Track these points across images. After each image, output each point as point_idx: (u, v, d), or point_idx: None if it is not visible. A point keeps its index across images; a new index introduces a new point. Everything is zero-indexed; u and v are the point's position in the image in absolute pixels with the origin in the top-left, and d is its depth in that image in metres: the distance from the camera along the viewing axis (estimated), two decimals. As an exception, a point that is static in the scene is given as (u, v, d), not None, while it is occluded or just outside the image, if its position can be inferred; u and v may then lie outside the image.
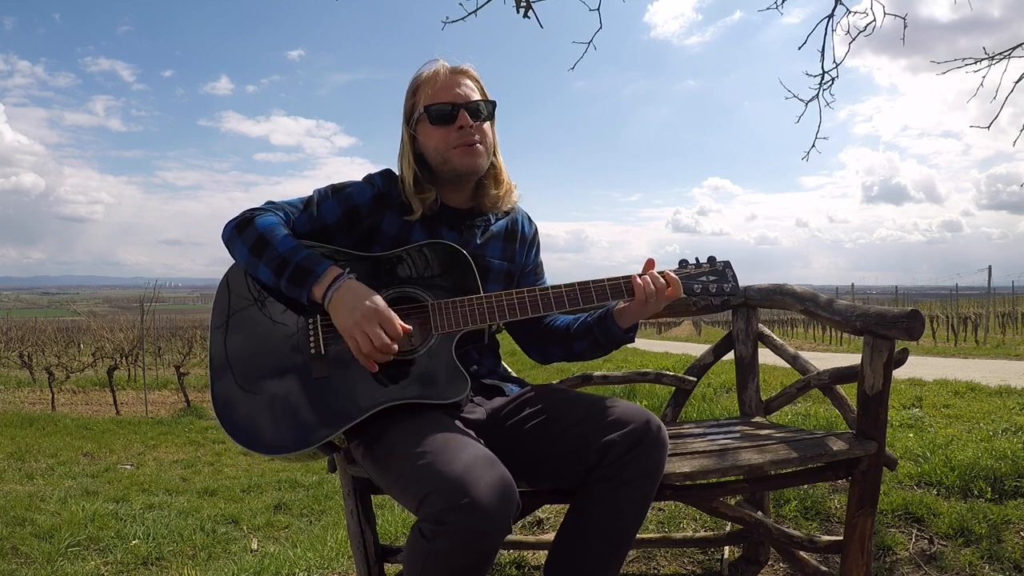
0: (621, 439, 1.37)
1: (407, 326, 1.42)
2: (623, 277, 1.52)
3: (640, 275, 1.51)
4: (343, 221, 1.58)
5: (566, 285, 1.51)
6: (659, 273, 1.52)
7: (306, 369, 1.45)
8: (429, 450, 1.26)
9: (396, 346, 1.39)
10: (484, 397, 1.61)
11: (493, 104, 1.64)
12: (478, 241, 1.65)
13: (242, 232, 1.50)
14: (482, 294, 1.51)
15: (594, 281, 1.51)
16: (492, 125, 1.65)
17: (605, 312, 1.61)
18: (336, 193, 1.59)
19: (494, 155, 1.66)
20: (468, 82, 1.61)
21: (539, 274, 1.81)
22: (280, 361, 1.47)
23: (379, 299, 1.42)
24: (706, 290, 1.55)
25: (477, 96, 1.61)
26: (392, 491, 1.38)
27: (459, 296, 1.50)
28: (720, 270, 1.57)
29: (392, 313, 1.41)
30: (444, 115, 1.56)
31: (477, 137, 1.58)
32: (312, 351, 1.46)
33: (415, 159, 1.61)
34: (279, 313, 1.50)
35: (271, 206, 1.57)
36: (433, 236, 1.60)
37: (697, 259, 1.59)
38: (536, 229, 1.80)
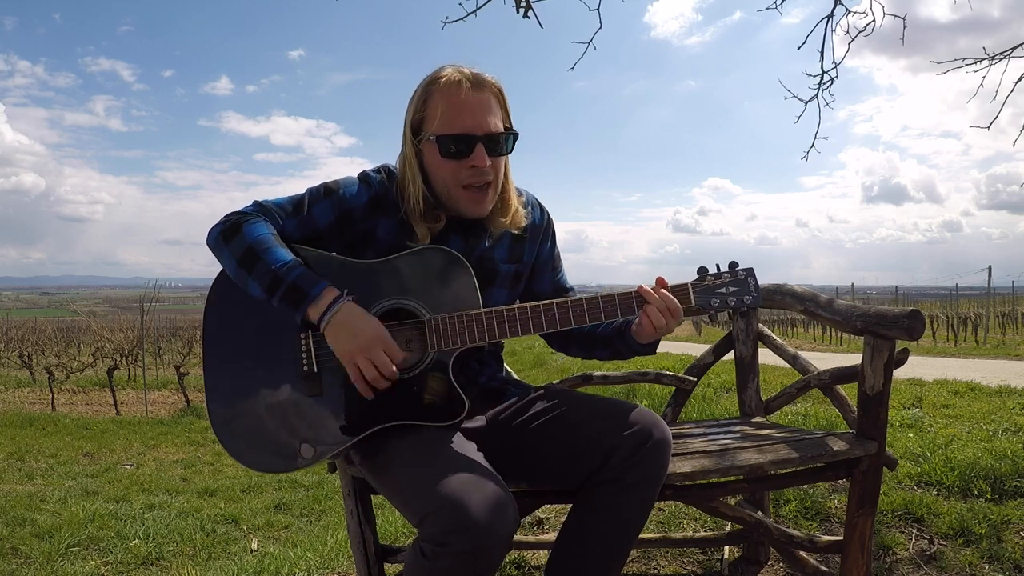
0: (626, 442, 1.36)
1: (406, 352, 1.38)
2: (633, 292, 1.43)
3: (648, 305, 1.42)
4: (336, 225, 1.47)
5: (572, 300, 1.43)
6: (662, 293, 1.43)
7: (299, 388, 1.41)
8: (428, 468, 1.25)
9: (395, 373, 1.35)
10: (485, 401, 1.59)
11: (515, 137, 1.49)
12: (487, 244, 1.56)
13: (229, 241, 1.39)
14: (481, 309, 1.41)
15: (603, 296, 1.44)
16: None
17: (624, 326, 1.53)
18: (329, 195, 1.47)
19: (505, 178, 1.52)
20: (493, 104, 1.45)
21: (557, 268, 1.70)
22: (273, 380, 1.42)
23: (380, 325, 1.35)
24: (724, 304, 1.45)
25: (500, 123, 1.45)
26: (392, 502, 1.37)
27: (458, 308, 1.41)
28: (742, 279, 1.47)
29: (392, 341, 1.34)
30: (460, 149, 1.41)
31: (489, 177, 1.44)
32: (305, 368, 1.40)
33: (422, 177, 1.47)
34: (270, 330, 1.43)
35: (258, 208, 1.45)
36: (438, 241, 1.49)
37: (718, 267, 1.48)
38: (549, 217, 1.67)
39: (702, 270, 1.48)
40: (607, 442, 1.37)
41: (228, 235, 1.40)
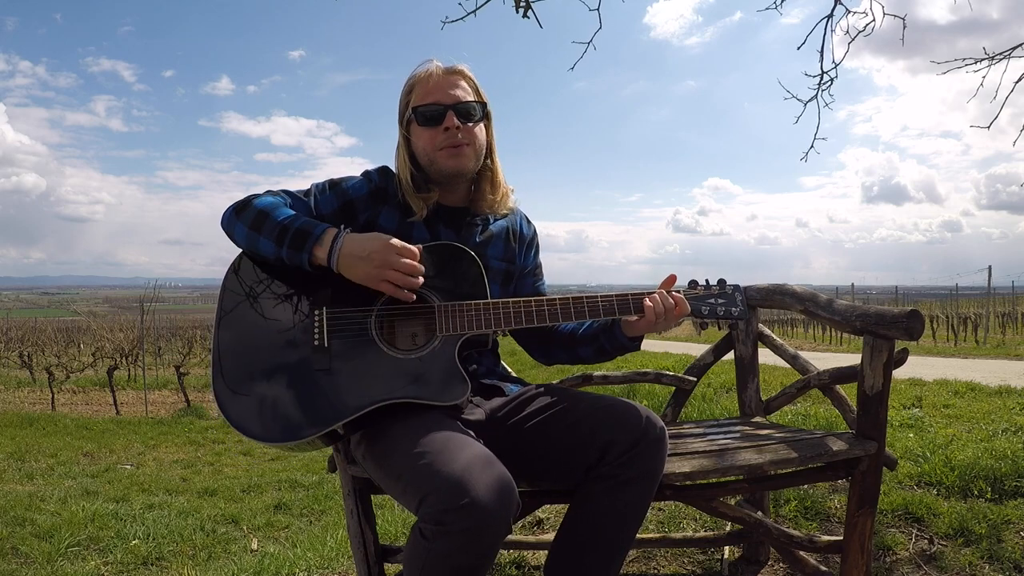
0: (622, 438, 1.38)
1: (418, 246, 1.47)
2: (632, 294, 1.52)
3: (650, 294, 1.51)
4: (339, 213, 1.58)
5: (574, 297, 1.52)
6: (668, 292, 1.53)
7: (308, 361, 1.45)
8: (429, 450, 1.26)
9: (421, 267, 1.44)
10: (483, 397, 1.61)
11: (484, 105, 1.62)
12: (477, 240, 1.65)
13: (241, 213, 1.50)
14: (489, 299, 1.50)
15: (603, 296, 1.52)
16: (488, 127, 1.64)
17: (613, 321, 1.61)
18: (333, 187, 1.60)
19: (490, 158, 1.65)
20: (461, 82, 1.60)
21: (538, 276, 1.81)
22: (282, 352, 1.47)
23: (380, 235, 1.45)
24: (714, 312, 1.56)
25: (469, 97, 1.59)
26: (392, 491, 1.38)
27: (465, 299, 1.50)
28: (729, 294, 1.57)
29: (398, 241, 1.44)
30: (431, 116, 1.56)
31: (464, 139, 1.57)
32: (316, 343, 1.46)
33: (410, 159, 1.61)
34: (283, 305, 1.50)
35: (269, 192, 1.57)
36: (432, 235, 1.60)
37: (707, 280, 1.59)
38: (535, 231, 1.80)
39: (692, 283, 1.59)
40: (603, 438, 1.39)
41: (240, 209, 1.51)
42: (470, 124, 1.58)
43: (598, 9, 3.19)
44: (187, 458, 6.74)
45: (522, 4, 2.95)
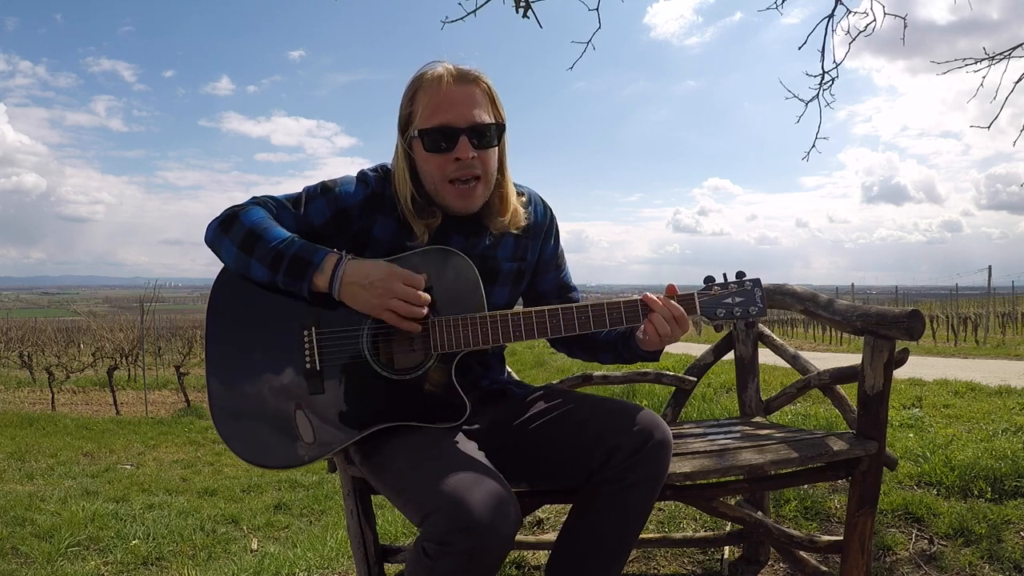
0: (627, 442, 1.36)
1: (423, 274, 1.37)
2: (638, 301, 1.42)
3: (653, 313, 1.40)
4: (332, 223, 1.47)
5: (577, 307, 1.43)
6: (666, 302, 1.41)
7: (302, 385, 1.40)
8: (430, 467, 1.24)
9: (427, 296, 1.36)
10: (486, 404, 1.58)
11: (502, 128, 1.46)
12: (487, 242, 1.53)
13: (228, 230, 1.40)
14: (487, 312, 1.41)
15: (608, 303, 1.43)
16: (501, 142, 1.48)
17: (629, 333, 1.53)
18: (326, 193, 1.47)
19: (500, 174, 1.50)
20: (477, 95, 1.42)
21: (561, 266, 1.68)
22: (275, 376, 1.41)
23: (384, 263, 1.37)
24: (730, 314, 1.43)
25: (486, 115, 1.42)
26: (393, 501, 1.37)
27: (463, 309, 1.41)
28: (748, 290, 1.44)
29: (403, 269, 1.36)
30: (442, 141, 1.40)
31: (477, 169, 1.42)
32: (307, 366, 1.40)
33: (411, 175, 1.46)
34: (273, 325, 1.43)
35: (254, 201, 1.46)
36: (437, 240, 1.48)
37: (725, 276, 1.46)
38: (552, 215, 1.64)
39: (708, 279, 1.46)
40: (608, 442, 1.37)
41: (226, 225, 1.42)
42: (484, 149, 1.42)
43: (597, 9, 3.19)
44: (187, 458, 6.73)
45: (522, 4, 2.95)
